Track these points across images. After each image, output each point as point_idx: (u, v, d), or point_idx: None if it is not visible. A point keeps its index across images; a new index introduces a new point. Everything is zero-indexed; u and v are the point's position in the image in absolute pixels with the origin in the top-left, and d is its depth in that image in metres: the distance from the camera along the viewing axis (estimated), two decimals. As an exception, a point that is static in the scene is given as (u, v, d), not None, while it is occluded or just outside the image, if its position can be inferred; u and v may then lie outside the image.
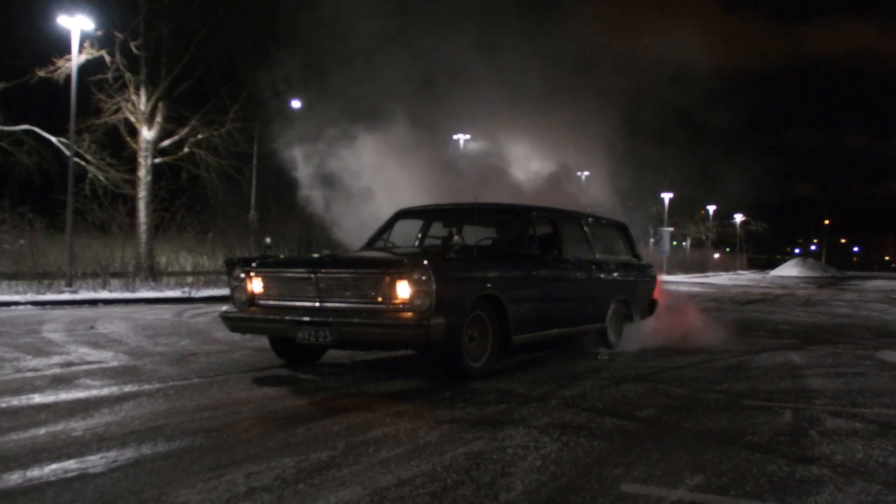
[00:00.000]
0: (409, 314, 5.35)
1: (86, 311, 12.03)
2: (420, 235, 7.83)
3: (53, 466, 3.30)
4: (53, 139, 17.82)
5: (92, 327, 9.34)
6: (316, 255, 5.96)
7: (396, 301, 5.46)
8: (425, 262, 5.40)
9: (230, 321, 6.16)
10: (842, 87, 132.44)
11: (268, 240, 6.59)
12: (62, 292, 14.66)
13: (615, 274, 8.12)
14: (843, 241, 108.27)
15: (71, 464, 3.34)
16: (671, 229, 47.05)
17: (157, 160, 19.03)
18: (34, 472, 3.21)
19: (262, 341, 6.96)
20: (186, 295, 15.89)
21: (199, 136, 19.19)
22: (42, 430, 3.94)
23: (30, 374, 5.69)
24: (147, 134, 18.59)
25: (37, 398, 4.79)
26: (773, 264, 71.23)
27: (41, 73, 16.94)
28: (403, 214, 7.88)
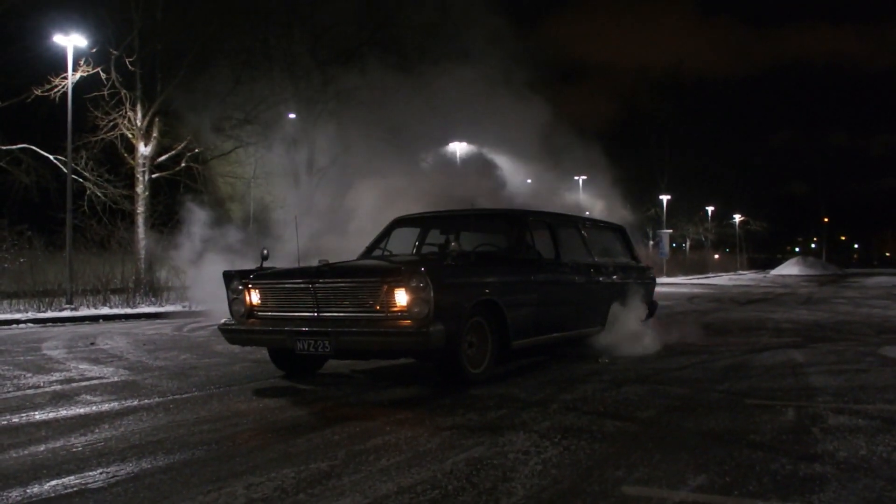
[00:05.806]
0: (408, 322, 5.34)
1: (86, 328, 12.02)
2: (417, 243, 7.81)
3: (53, 483, 3.29)
4: (51, 157, 17.86)
5: (92, 343, 9.33)
6: (313, 266, 5.94)
7: (395, 309, 5.45)
8: (422, 269, 5.40)
9: (229, 333, 6.16)
10: (825, 89, 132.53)
11: (265, 251, 6.55)
12: (62, 309, 14.65)
13: (614, 277, 8.10)
14: (842, 238, 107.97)
15: (71, 479, 3.33)
16: (670, 231, 47.02)
17: (155, 175, 19.06)
18: (34, 489, 3.20)
19: (262, 353, 6.95)
20: (186, 309, 15.88)
21: (196, 151, 19.23)
22: (42, 447, 3.93)
23: (30, 392, 5.68)
24: (144, 149, 18.64)
25: (37, 415, 4.78)
26: (774, 263, 71.12)
27: (38, 92, 17.00)
28: (400, 222, 7.85)
